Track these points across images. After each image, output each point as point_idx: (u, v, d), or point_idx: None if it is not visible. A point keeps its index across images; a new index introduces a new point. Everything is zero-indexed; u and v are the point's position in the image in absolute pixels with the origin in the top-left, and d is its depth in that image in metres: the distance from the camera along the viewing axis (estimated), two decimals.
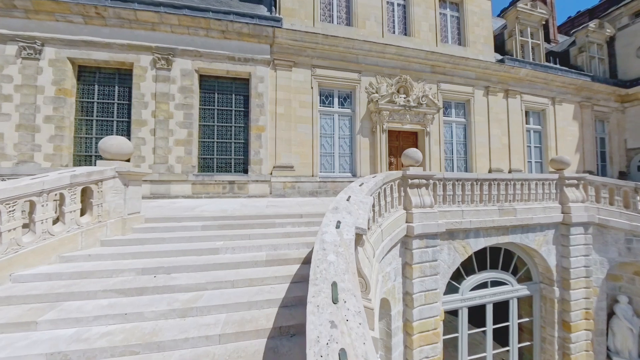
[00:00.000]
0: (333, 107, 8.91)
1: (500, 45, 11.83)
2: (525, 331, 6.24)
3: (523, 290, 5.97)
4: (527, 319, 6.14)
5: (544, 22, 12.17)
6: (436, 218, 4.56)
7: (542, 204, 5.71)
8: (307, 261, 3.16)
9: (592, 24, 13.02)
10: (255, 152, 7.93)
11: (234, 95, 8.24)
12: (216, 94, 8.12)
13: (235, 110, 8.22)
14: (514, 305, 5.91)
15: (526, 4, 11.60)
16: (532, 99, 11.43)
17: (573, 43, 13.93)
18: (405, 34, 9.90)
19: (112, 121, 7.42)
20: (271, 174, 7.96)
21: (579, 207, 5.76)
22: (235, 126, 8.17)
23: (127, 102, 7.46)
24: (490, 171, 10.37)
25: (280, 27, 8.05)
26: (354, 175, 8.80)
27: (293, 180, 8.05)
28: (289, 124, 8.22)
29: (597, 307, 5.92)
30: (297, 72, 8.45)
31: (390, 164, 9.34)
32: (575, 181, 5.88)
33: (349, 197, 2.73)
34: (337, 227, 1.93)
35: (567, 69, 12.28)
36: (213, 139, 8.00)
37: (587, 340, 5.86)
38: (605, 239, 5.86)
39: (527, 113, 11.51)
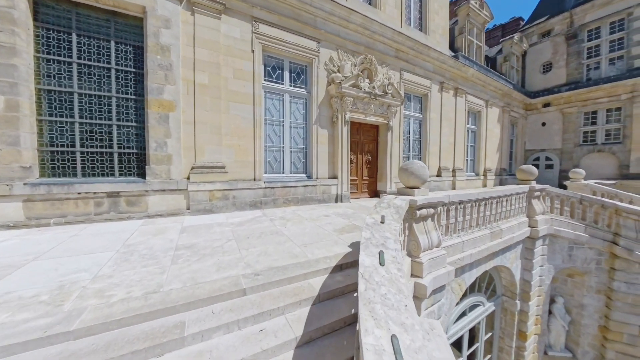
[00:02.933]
0: (283, 84, 6.56)
1: (450, 42, 11.64)
2: (485, 343, 6.06)
3: (490, 307, 5.64)
4: (489, 334, 5.95)
5: (485, 26, 12.61)
6: (444, 261, 3.24)
7: (517, 220, 5.29)
8: None
9: (517, 36, 14.44)
10: (158, 144, 4.95)
11: (114, 43, 4.83)
12: (76, 36, 4.55)
13: (118, 71, 4.87)
14: (482, 325, 5.54)
15: (476, 3, 11.61)
16: (473, 100, 11.86)
17: (500, 51, 15.34)
18: (371, 4, 8.18)
19: None
20: (188, 178, 5.21)
21: (542, 219, 5.64)
22: (118, 98, 4.87)
23: None
24: (439, 171, 10.28)
25: None
26: (310, 178, 6.90)
27: (225, 188, 5.53)
28: (218, 101, 5.49)
29: (543, 310, 6.18)
30: (230, 23, 5.63)
31: (351, 162, 7.84)
32: (539, 193, 5.72)
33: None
34: None
35: (499, 74, 13.29)
36: (73, 117, 4.54)
37: (535, 344, 6.08)
38: (554, 248, 6.08)
39: (467, 113, 11.92)
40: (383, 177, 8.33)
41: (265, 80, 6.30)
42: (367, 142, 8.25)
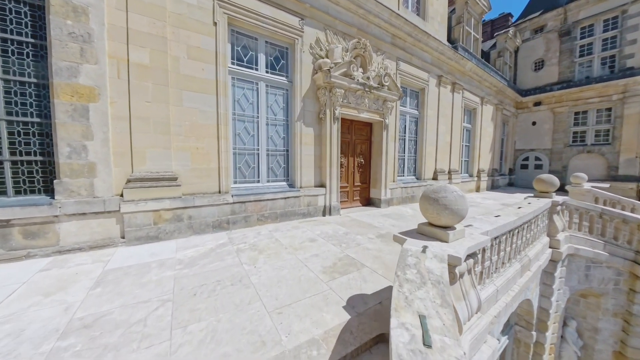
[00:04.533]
0: (257, 70, 5.20)
1: (447, 33, 10.69)
2: None
3: (504, 342, 4.81)
4: None
5: (482, 17, 11.77)
6: (486, 334, 2.20)
7: (541, 242, 4.42)
8: None
9: (512, 31, 13.80)
10: (73, 149, 3.47)
11: None
12: None
13: (6, 41, 3.30)
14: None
15: None
16: (469, 97, 11.07)
17: (494, 46, 14.68)
18: None
19: None
20: (121, 195, 3.78)
21: (563, 238, 4.85)
22: (8, 81, 3.32)
23: None
24: (435, 173, 9.41)
25: None
26: (292, 187, 5.66)
27: (177, 206, 4.16)
28: (165, 89, 4.06)
29: (557, 337, 5.50)
30: None
31: (341, 166, 6.68)
32: (560, 207, 4.91)
33: None
34: None
35: (495, 70, 12.59)
36: None
37: None
38: (571, 268, 5.38)
39: (463, 110, 11.13)
40: (377, 182, 7.26)
41: (233, 63, 4.91)
42: (359, 142, 7.11)
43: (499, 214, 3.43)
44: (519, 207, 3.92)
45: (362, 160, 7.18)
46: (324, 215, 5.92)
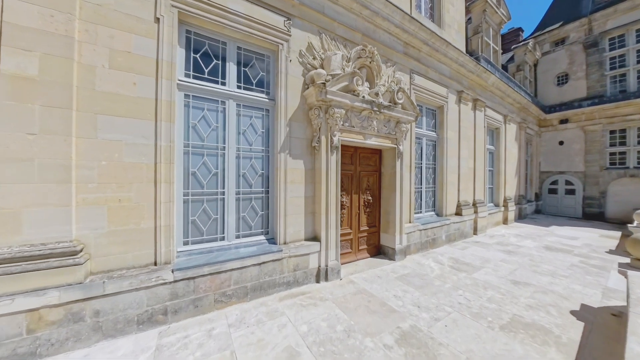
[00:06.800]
0: (224, 84, 3.78)
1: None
2: None
3: None
4: None
5: (501, 27, 10.55)
6: None
7: None
8: None
9: (531, 43, 12.57)
10: None
11: None
12: None
13: None
14: None
15: None
16: (492, 115, 9.57)
17: (511, 59, 13.43)
18: None
19: None
20: None
21: None
22: None
23: None
24: (459, 207, 7.70)
25: None
26: (273, 242, 4.04)
27: (74, 298, 2.55)
28: (64, 114, 2.60)
29: None
30: None
31: (342, 207, 5.06)
32: None
33: None
34: None
35: (519, 85, 11.19)
36: None
37: None
38: None
39: (485, 130, 9.59)
40: (389, 225, 5.59)
41: (188, 76, 3.51)
42: (365, 174, 5.54)
43: None
44: None
45: (370, 198, 5.57)
46: (317, 281, 4.23)
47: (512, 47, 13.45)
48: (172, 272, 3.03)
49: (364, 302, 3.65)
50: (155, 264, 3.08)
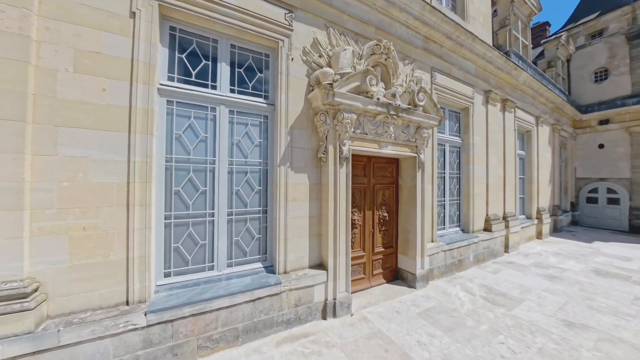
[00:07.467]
0: (215, 88, 3.26)
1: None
2: None
3: None
4: None
5: (531, 20, 9.53)
6: None
7: None
8: None
9: (564, 36, 11.37)
10: None
11: None
12: None
13: None
14: None
15: None
16: (522, 116, 8.56)
17: (541, 55, 12.25)
18: None
19: None
20: None
21: None
22: None
23: None
24: (487, 221, 6.78)
25: None
26: (272, 270, 3.44)
27: (19, 353, 2.07)
28: (16, 127, 2.16)
29: None
30: None
31: (353, 226, 4.38)
32: None
33: None
34: None
35: (553, 82, 10.07)
36: None
37: None
38: None
39: (516, 134, 8.57)
40: (409, 245, 4.84)
41: (172, 79, 3.02)
42: (380, 187, 4.84)
43: None
44: None
45: (386, 214, 4.85)
46: (324, 317, 3.57)
47: (542, 42, 12.27)
48: (145, 314, 2.49)
49: (380, 351, 2.95)
50: (128, 303, 2.57)
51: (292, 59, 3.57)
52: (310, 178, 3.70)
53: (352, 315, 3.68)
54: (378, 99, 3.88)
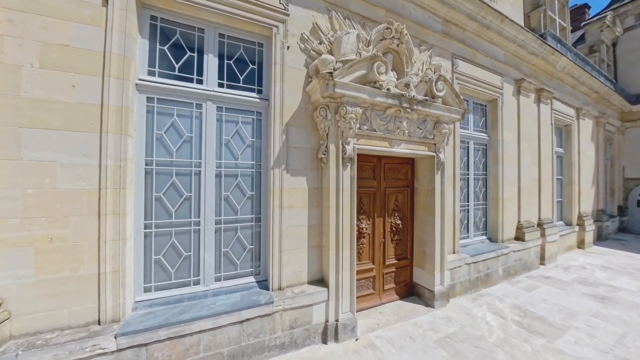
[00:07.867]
0: (202, 82, 2.95)
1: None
2: None
3: None
4: None
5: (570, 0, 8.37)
6: None
7: None
8: None
9: (610, 16, 9.97)
10: None
11: None
12: None
13: None
14: None
15: None
16: (560, 108, 7.51)
17: (581, 39, 10.87)
18: None
19: None
20: None
21: None
22: None
23: None
24: (520, 229, 5.93)
25: None
26: (265, 285, 3.06)
27: None
28: None
29: None
30: None
31: (361, 235, 3.89)
32: None
33: None
34: None
35: (597, 69, 8.82)
36: None
37: None
38: None
39: (553, 128, 7.54)
40: (427, 258, 4.24)
41: (152, 74, 2.74)
42: (393, 191, 4.30)
43: None
44: None
45: (399, 222, 4.29)
46: (324, 341, 3.12)
47: (582, 25, 10.87)
48: (115, 337, 2.21)
49: None
50: (99, 322, 2.31)
51: (288, 47, 3.16)
52: (310, 182, 3.27)
53: (357, 339, 3.19)
54: (388, 89, 3.36)
